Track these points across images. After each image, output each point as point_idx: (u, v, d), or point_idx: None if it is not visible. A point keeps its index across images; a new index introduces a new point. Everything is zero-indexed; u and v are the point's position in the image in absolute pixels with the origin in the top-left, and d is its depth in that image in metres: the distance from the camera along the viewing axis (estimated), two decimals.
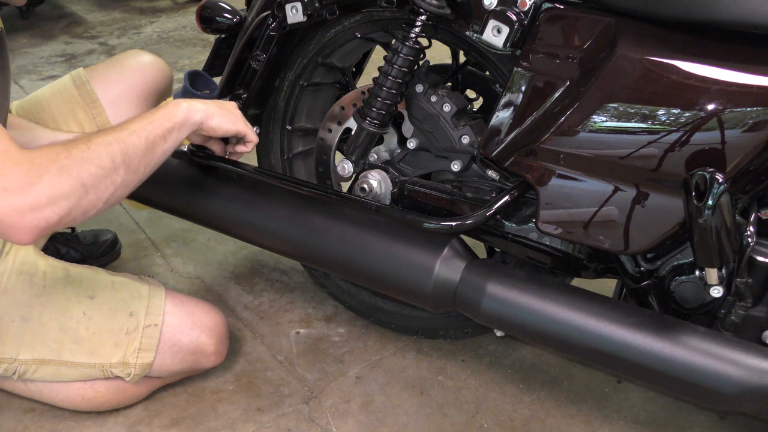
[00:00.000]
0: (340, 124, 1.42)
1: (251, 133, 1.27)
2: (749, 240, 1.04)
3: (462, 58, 1.41)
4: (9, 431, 1.34)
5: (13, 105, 1.54)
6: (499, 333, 1.48)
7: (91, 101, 1.54)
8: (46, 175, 0.96)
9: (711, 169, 0.95)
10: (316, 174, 1.49)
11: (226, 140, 1.33)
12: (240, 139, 1.30)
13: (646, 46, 1.01)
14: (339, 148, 1.44)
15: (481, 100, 1.48)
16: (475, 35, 1.16)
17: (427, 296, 1.18)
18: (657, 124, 1.00)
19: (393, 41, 1.24)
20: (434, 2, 1.15)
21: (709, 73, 0.97)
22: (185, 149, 1.39)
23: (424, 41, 1.23)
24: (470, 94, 1.45)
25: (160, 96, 1.63)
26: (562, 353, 1.45)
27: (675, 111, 0.99)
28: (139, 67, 1.60)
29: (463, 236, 1.23)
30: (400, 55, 1.22)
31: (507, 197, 1.15)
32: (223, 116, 1.21)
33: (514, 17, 1.09)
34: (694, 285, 1.09)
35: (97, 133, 1.06)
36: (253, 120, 1.47)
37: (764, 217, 1.08)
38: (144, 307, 1.30)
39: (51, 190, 0.96)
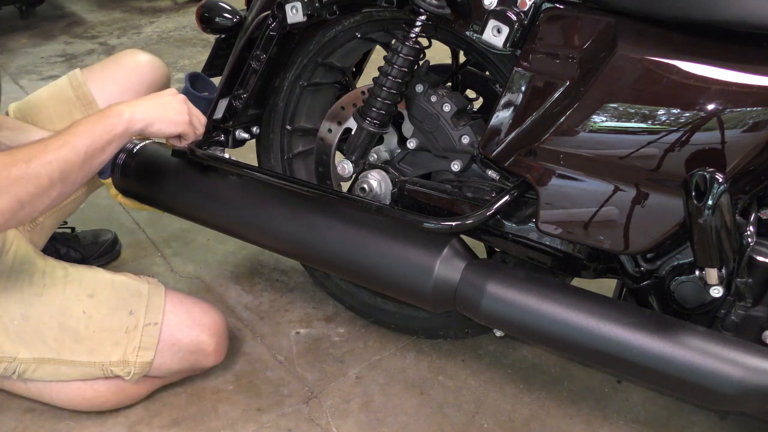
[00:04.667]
0: (340, 124, 1.42)
1: (192, 135, 1.32)
2: (749, 240, 1.04)
3: (462, 58, 1.41)
4: (9, 431, 1.34)
5: (11, 107, 1.54)
6: (499, 333, 1.47)
7: (88, 102, 1.54)
8: None
9: (711, 169, 0.95)
10: (316, 174, 1.49)
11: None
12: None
13: (646, 46, 1.01)
14: (339, 148, 1.44)
15: (481, 100, 1.48)
16: (475, 35, 1.16)
17: (427, 296, 1.18)
18: (657, 124, 1.00)
19: (393, 41, 1.24)
20: (434, 2, 1.15)
21: (709, 73, 0.97)
22: (185, 149, 1.39)
23: (424, 41, 1.23)
24: (470, 94, 1.45)
25: None
26: (562, 353, 1.45)
27: (675, 111, 0.99)
28: (135, 66, 1.60)
29: (463, 236, 1.23)
30: (400, 55, 1.22)
31: (507, 197, 1.15)
32: (163, 121, 1.25)
33: (514, 17, 1.09)
34: (694, 285, 1.09)
35: (39, 148, 1.10)
36: (253, 120, 1.47)
37: (764, 217, 1.08)
38: (144, 306, 1.30)
39: None
